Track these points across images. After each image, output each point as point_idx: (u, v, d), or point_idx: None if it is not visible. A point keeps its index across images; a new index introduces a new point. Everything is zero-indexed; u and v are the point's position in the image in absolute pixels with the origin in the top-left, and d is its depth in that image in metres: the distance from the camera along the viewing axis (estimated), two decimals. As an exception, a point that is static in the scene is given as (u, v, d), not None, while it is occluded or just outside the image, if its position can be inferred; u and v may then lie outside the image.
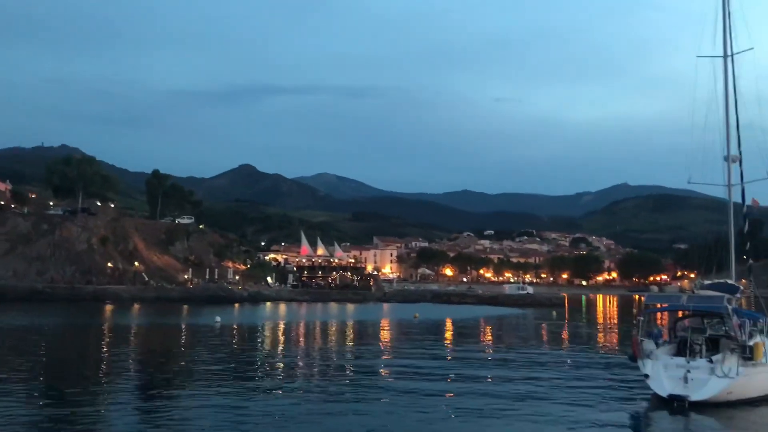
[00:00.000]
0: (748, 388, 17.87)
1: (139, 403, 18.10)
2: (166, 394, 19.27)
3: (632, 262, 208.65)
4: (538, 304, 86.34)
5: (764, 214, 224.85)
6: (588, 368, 26.46)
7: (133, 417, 15.82)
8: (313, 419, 15.82)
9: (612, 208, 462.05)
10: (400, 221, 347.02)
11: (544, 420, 16.46)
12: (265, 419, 15.62)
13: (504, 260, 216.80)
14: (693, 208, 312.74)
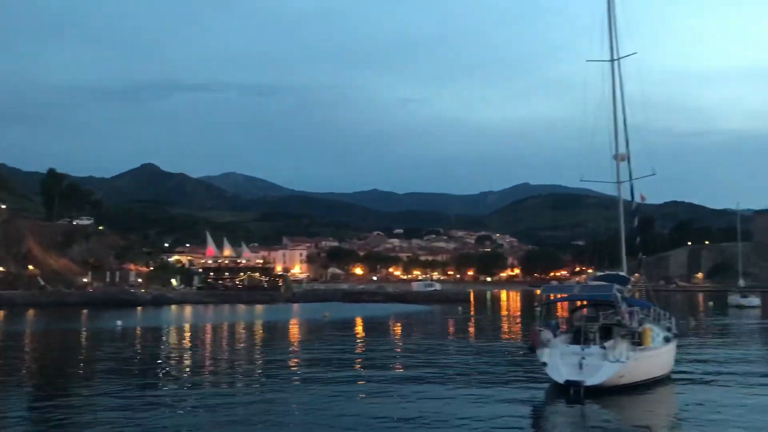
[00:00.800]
0: (638, 371, 19.05)
1: (25, 412, 17.29)
2: (62, 401, 18.54)
3: (534, 259, 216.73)
4: (446, 301, 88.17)
5: (655, 212, 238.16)
6: (491, 358, 27.49)
7: (20, 429, 15.11)
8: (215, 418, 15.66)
9: (515, 207, 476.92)
10: (310, 221, 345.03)
11: (448, 406, 17.14)
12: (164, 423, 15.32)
13: (413, 258, 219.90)
14: (589, 206, 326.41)
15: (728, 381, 21.33)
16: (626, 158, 25.51)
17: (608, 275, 23.95)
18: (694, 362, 25.74)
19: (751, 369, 24.46)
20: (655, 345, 20.26)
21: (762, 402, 17.87)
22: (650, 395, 18.87)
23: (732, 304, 74.81)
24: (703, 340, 36.59)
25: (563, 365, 18.69)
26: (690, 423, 15.89)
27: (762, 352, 31.68)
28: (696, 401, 18.17)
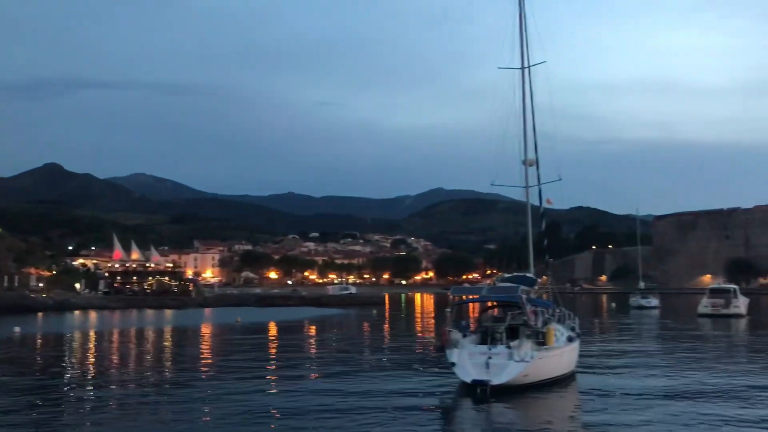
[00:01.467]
0: (542, 370, 19.64)
1: None
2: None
3: (447, 262, 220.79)
4: (361, 304, 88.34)
5: (562, 217, 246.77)
6: (403, 359, 27.74)
7: None
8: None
9: (429, 211, 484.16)
10: (223, 224, 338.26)
11: (357, 405, 17.30)
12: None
13: (328, 262, 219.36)
14: (500, 210, 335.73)
15: (628, 378, 22.33)
16: (535, 164, 26.35)
17: (516, 277, 24.66)
18: (598, 360, 26.83)
19: (651, 363, 25.71)
20: (558, 345, 20.92)
21: (659, 399, 18.71)
22: (554, 393, 19.48)
23: (633, 305, 78.49)
24: (606, 340, 38.21)
25: (471, 365, 19.09)
26: (590, 418, 16.51)
27: (660, 349, 33.27)
28: (597, 397, 18.91)
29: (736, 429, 14.98)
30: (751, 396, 18.93)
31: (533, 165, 26.30)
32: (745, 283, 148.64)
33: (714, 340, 38.39)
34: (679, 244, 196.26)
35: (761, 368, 25.04)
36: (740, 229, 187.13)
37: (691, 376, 22.79)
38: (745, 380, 21.71)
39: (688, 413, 16.63)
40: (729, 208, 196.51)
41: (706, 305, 59.26)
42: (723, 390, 20.00)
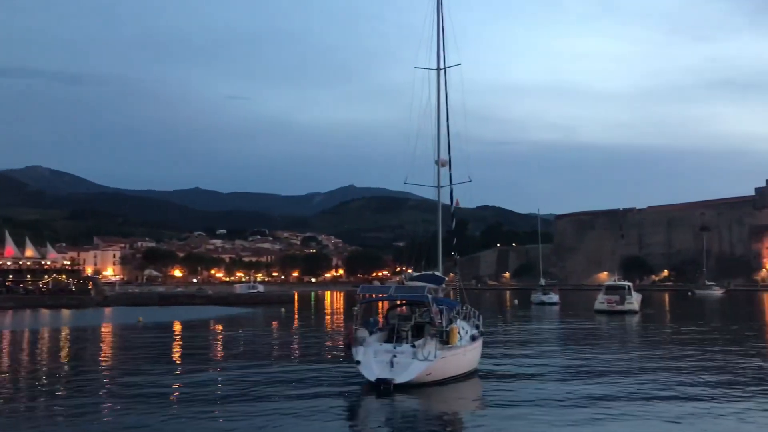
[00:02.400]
0: (445, 368, 19.93)
1: None
2: None
3: (357, 260, 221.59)
4: (269, 302, 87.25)
5: (469, 216, 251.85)
6: (309, 358, 27.55)
7: None
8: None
9: (340, 208, 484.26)
10: (125, 220, 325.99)
11: (262, 403, 17.27)
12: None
13: (236, 260, 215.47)
14: (411, 208, 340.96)
15: (529, 373, 23.05)
16: (447, 164, 26.77)
17: (425, 275, 25.00)
18: (500, 357, 27.59)
19: (549, 362, 26.65)
20: (462, 343, 21.32)
21: (556, 391, 19.40)
22: (457, 390, 19.86)
23: (535, 302, 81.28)
24: (509, 336, 39.37)
25: (375, 363, 19.21)
26: (491, 414, 16.94)
27: (558, 346, 34.55)
28: (498, 393, 19.48)
29: (617, 404, 15.94)
30: (637, 380, 20.20)
31: (446, 165, 26.72)
32: (639, 280, 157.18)
33: (608, 334, 40.32)
34: (578, 243, 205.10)
35: (647, 358, 26.50)
36: (634, 228, 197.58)
37: (584, 368, 23.87)
38: (632, 363, 22.95)
39: (580, 394, 17.98)
40: (624, 209, 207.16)
41: (603, 302, 62.15)
42: (611, 373, 21.36)
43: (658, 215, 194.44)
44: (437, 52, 27.09)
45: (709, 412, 16.53)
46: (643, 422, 15.67)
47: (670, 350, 31.06)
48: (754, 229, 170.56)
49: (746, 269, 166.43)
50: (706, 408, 17.06)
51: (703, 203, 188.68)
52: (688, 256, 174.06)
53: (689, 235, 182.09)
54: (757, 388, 20.01)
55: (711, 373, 23.12)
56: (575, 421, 15.52)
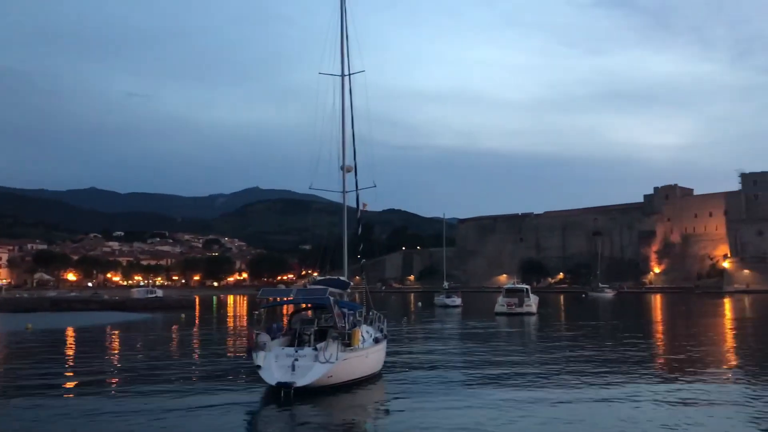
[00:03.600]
0: (347, 371, 19.95)
1: None
2: None
3: (262, 263, 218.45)
4: (168, 307, 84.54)
5: (375, 219, 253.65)
6: (211, 364, 26.95)
7: None
8: None
9: (245, 211, 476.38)
10: (14, 220, 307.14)
11: (162, 410, 16.87)
12: None
13: (134, 263, 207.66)
14: (317, 212, 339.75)
15: (432, 375, 23.42)
16: (352, 169, 26.88)
17: (329, 279, 24.99)
18: (404, 358, 27.94)
19: (452, 363, 27.24)
20: (364, 345, 21.41)
21: (463, 394, 19.86)
22: (360, 392, 19.96)
23: (438, 304, 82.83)
24: (413, 338, 39.92)
25: (276, 368, 19.06)
26: (393, 416, 17.15)
27: (460, 346, 35.34)
28: (401, 394, 19.71)
29: (521, 406, 16.51)
30: (534, 381, 21.01)
31: (351, 171, 26.82)
32: (536, 283, 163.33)
33: (508, 336, 41.66)
34: (480, 246, 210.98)
35: (546, 359, 27.60)
36: (532, 232, 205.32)
37: (487, 367, 24.56)
38: (531, 369, 23.87)
39: (486, 398, 18.40)
40: (523, 213, 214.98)
41: (503, 304, 64.18)
42: (512, 377, 22.08)
43: (555, 220, 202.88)
44: (341, 59, 27.21)
45: (593, 398, 18.05)
46: (540, 407, 16.99)
47: (563, 347, 32.58)
48: (642, 234, 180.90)
49: (635, 272, 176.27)
50: (592, 394, 18.66)
51: (596, 209, 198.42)
52: (582, 260, 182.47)
53: (583, 240, 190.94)
54: (636, 374, 21.86)
55: (598, 365, 25.06)
56: (479, 423, 15.88)
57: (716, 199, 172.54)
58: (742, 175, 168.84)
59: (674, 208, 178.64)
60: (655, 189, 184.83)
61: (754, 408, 17.33)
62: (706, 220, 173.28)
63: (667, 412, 16.80)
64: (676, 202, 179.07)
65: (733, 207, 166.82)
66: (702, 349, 32.49)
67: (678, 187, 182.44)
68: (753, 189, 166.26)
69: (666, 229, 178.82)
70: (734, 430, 15.17)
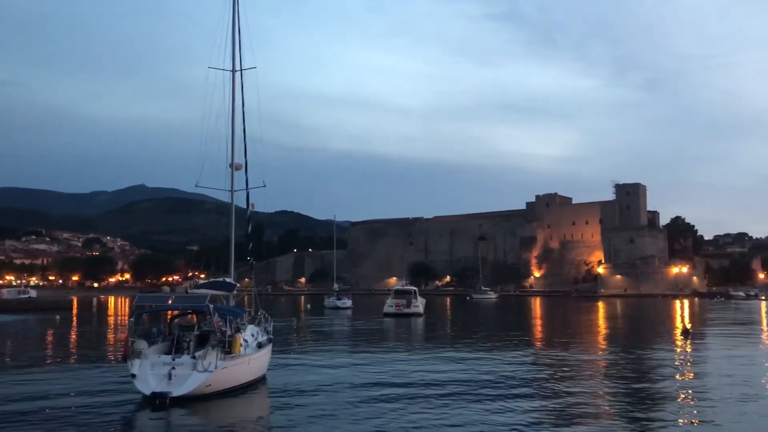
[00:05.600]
0: (227, 379, 19.50)
1: None
2: None
3: (146, 264, 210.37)
4: (43, 309, 79.90)
5: (266, 221, 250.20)
6: (85, 372, 25.43)
7: None
8: None
9: (129, 209, 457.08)
10: None
11: (28, 420, 16.07)
12: None
13: (6, 262, 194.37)
14: (205, 211, 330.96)
15: (320, 379, 23.34)
16: (242, 167, 26.50)
17: (215, 282, 24.47)
18: (291, 361, 27.90)
19: (339, 364, 27.53)
20: (247, 351, 21.03)
21: (348, 397, 20.06)
22: (241, 399, 19.48)
23: (328, 306, 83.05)
24: (302, 340, 39.94)
25: (152, 376, 18.37)
26: (276, 420, 17.08)
27: (349, 347, 35.72)
28: (286, 398, 19.63)
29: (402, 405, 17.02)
30: (418, 371, 21.64)
31: (240, 169, 26.44)
32: (424, 285, 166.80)
33: (395, 336, 42.52)
34: (371, 249, 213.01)
35: (427, 351, 28.50)
36: (422, 236, 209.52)
37: (372, 369, 25.05)
38: (418, 367, 24.58)
39: (371, 401, 18.50)
40: (413, 218, 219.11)
41: (391, 305, 65.36)
42: (399, 378, 22.55)
43: (443, 225, 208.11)
44: (233, 54, 26.81)
45: (473, 390, 18.62)
46: (427, 403, 17.52)
47: (446, 344, 33.67)
48: (524, 240, 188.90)
49: (517, 276, 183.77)
50: (475, 387, 19.26)
51: (482, 215, 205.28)
52: (468, 263, 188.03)
53: (469, 244, 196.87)
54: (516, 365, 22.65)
55: (479, 361, 25.85)
56: (364, 430, 16.13)
57: (592, 208, 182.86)
58: (616, 186, 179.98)
59: (554, 215, 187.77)
60: (537, 197, 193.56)
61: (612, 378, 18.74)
62: (583, 227, 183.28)
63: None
64: (556, 210, 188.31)
65: (607, 216, 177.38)
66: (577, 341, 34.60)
67: (558, 195, 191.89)
68: (626, 199, 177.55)
69: (546, 235, 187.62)
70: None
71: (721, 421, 16.59)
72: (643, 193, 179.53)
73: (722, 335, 43.67)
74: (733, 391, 20.86)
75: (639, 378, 24.06)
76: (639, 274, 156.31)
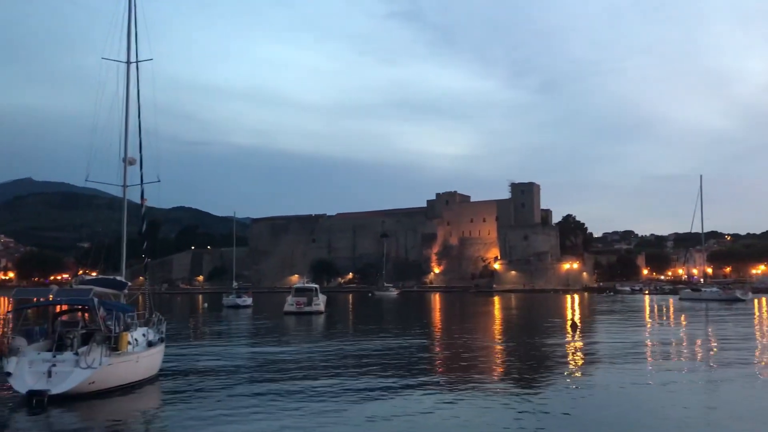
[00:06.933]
0: (113, 376, 18.91)
1: None
2: None
3: (32, 261, 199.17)
4: None
5: (163, 217, 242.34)
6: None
7: None
8: None
9: (15, 204, 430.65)
10: None
11: None
12: None
13: None
14: (98, 207, 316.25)
15: (209, 379, 22.88)
16: (136, 162, 25.68)
17: (102, 279, 23.63)
18: (185, 360, 27.27)
19: (234, 363, 27.18)
20: (136, 349, 20.45)
21: (239, 390, 19.87)
22: (128, 398, 18.92)
23: (228, 305, 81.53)
24: (198, 339, 39.08)
25: (30, 374, 17.60)
26: (165, 418, 16.71)
27: (247, 346, 35.32)
28: (178, 396, 19.17)
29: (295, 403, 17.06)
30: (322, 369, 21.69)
31: (134, 164, 25.61)
32: (327, 282, 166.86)
33: (295, 335, 42.40)
34: (273, 246, 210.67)
35: (328, 349, 28.68)
36: (325, 233, 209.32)
37: (269, 366, 24.93)
38: (313, 356, 24.68)
39: (265, 404, 18.24)
40: (316, 214, 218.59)
41: (292, 303, 64.93)
42: (295, 368, 22.53)
43: (346, 222, 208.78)
44: (128, 45, 25.93)
45: (376, 383, 18.87)
46: (328, 401, 17.39)
47: (346, 341, 33.95)
48: (425, 237, 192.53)
49: (418, 272, 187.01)
50: (375, 380, 19.48)
51: (385, 212, 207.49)
52: (371, 260, 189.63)
53: (372, 241, 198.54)
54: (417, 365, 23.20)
55: (378, 357, 26.24)
56: (268, 413, 16.04)
57: (489, 206, 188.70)
58: (512, 184, 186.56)
59: (453, 213, 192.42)
60: (437, 195, 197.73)
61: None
62: (481, 225, 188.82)
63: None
64: (455, 208, 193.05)
65: (503, 213, 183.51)
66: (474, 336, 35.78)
67: (457, 194, 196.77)
68: (521, 198, 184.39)
69: (446, 232, 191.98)
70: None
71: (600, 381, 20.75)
72: (537, 192, 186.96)
73: (609, 326, 46.45)
74: (613, 369, 24.25)
75: (523, 357, 27.20)
76: (533, 270, 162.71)
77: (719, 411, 17.41)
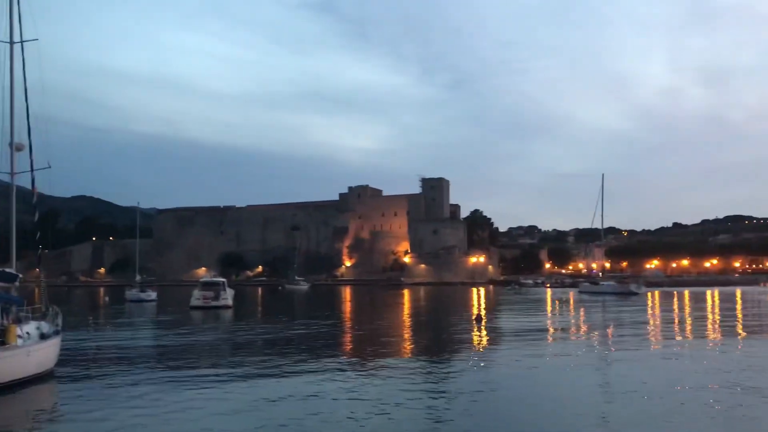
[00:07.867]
0: (0, 372, 18.11)
1: None
2: None
3: None
4: None
5: (62, 206, 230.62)
6: None
7: None
8: None
9: None
10: None
11: None
12: None
13: None
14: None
15: (110, 374, 22.03)
16: (24, 148, 24.26)
17: None
18: (82, 355, 26.10)
19: (137, 356, 26.24)
20: (26, 342, 19.58)
21: (182, 397, 19.14)
22: (19, 395, 18.06)
23: (130, 299, 78.60)
24: (99, 333, 37.49)
25: None
26: (62, 415, 15.97)
27: (150, 341, 34.20)
28: (75, 392, 18.38)
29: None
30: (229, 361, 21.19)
31: (22, 149, 24.15)
32: (235, 276, 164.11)
33: (204, 330, 41.37)
34: (178, 238, 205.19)
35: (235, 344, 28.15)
36: (234, 226, 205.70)
37: (178, 364, 24.19)
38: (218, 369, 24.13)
39: (160, 379, 17.78)
40: (225, 206, 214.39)
41: (198, 298, 63.26)
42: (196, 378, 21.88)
43: (256, 214, 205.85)
44: (10, 23, 24.43)
45: (275, 379, 18.46)
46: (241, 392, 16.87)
47: (251, 332, 33.46)
48: (337, 230, 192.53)
49: (330, 265, 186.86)
50: (279, 376, 19.01)
51: (295, 205, 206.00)
52: (281, 253, 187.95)
53: (283, 234, 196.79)
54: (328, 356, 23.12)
55: (285, 347, 26.00)
56: (145, 425, 15.52)
57: (401, 200, 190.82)
58: (422, 180, 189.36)
59: (365, 206, 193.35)
60: (350, 188, 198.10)
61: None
62: (392, 218, 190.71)
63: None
64: (367, 202, 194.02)
65: (414, 208, 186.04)
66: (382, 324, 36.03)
67: (369, 187, 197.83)
68: (431, 193, 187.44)
69: (357, 225, 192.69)
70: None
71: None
72: (447, 187, 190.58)
73: (512, 316, 47.99)
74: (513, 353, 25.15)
75: (426, 345, 28.65)
76: (441, 264, 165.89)
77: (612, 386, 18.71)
